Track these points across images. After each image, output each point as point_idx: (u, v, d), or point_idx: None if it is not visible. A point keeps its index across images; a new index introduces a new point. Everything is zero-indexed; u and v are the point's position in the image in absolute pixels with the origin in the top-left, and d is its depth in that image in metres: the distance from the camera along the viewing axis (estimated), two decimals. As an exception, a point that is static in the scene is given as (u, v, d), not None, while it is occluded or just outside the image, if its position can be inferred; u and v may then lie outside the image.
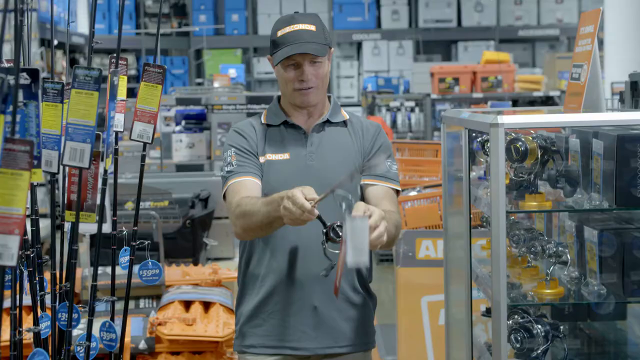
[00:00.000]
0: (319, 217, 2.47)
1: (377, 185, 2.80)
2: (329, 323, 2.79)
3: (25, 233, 2.35)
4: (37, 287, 2.46)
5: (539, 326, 2.85)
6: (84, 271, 4.35)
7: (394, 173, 2.84)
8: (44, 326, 2.45)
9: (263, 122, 2.88)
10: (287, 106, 2.88)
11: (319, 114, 2.88)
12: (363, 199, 2.77)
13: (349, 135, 2.87)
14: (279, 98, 2.93)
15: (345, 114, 2.92)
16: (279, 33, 2.76)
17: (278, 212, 2.55)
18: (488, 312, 2.94)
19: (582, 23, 2.86)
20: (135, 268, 2.74)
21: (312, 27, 2.76)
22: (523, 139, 2.75)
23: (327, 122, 2.87)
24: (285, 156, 2.81)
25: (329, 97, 2.96)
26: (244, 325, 2.87)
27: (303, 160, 2.79)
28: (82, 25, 11.26)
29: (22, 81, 2.07)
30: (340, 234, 2.44)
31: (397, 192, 2.87)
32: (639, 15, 8.57)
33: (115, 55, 2.50)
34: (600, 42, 9.02)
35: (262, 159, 2.82)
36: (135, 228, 2.66)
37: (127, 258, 2.64)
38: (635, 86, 3.35)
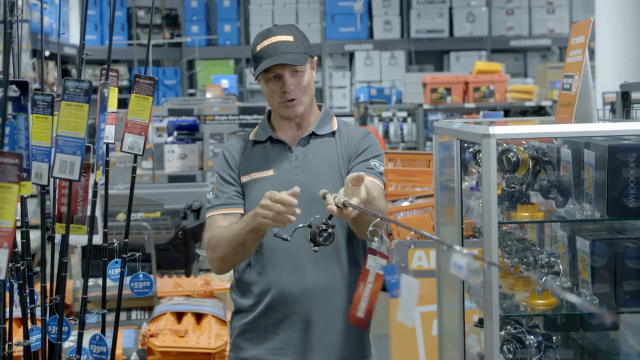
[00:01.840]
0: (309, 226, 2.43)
1: None
2: (324, 337, 2.78)
3: (15, 245, 2.34)
4: (28, 299, 2.45)
5: (532, 337, 2.85)
6: (75, 283, 4.33)
7: (379, 172, 2.84)
8: (34, 339, 2.43)
9: (251, 138, 2.90)
10: (276, 119, 2.89)
11: (307, 124, 2.87)
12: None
13: (335, 146, 2.86)
14: (269, 113, 2.94)
15: (335, 124, 2.91)
16: (258, 47, 2.78)
17: (250, 224, 2.57)
18: (480, 323, 2.93)
19: (573, 34, 2.86)
20: (127, 280, 2.73)
21: (290, 38, 2.77)
22: (515, 150, 2.75)
23: (313, 134, 2.86)
24: (270, 172, 2.81)
25: (320, 107, 2.94)
26: (237, 337, 2.87)
27: (287, 175, 2.79)
28: (74, 36, 11.26)
29: (11, 94, 2.06)
30: (324, 240, 2.40)
31: (383, 190, 2.85)
32: (630, 25, 8.60)
33: (105, 67, 2.49)
34: (592, 52, 9.05)
35: (247, 178, 2.83)
36: (127, 240, 2.65)
37: (117, 270, 2.63)
38: (626, 96, 3.36)
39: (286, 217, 2.45)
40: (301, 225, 2.45)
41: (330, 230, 2.40)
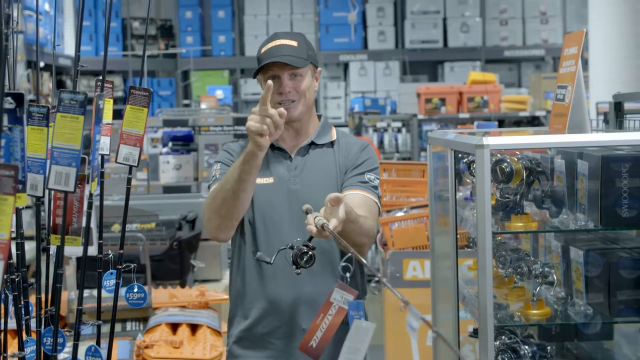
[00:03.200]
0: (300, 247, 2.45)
1: (353, 193, 2.79)
2: (317, 345, 2.78)
3: (10, 257, 2.34)
4: (22, 311, 2.44)
5: (526, 347, 2.86)
6: (70, 294, 4.33)
7: (374, 186, 2.84)
8: (29, 351, 2.43)
9: None
10: None
11: (306, 133, 2.89)
12: None
13: (334, 157, 2.87)
14: None
15: (334, 135, 2.93)
16: (262, 50, 2.82)
17: (244, 156, 2.59)
18: (475, 333, 2.94)
19: (567, 44, 2.88)
20: (123, 290, 2.73)
21: (294, 43, 2.80)
22: (508, 160, 2.76)
23: (313, 144, 2.88)
24: (270, 180, 2.82)
25: (320, 117, 2.97)
26: (233, 345, 2.88)
27: (286, 185, 2.80)
28: (69, 47, 11.26)
29: (7, 105, 2.06)
30: (305, 262, 2.42)
31: (377, 204, 2.85)
32: (623, 35, 8.63)
33: (100, 78, 2.49)
34: (585, 63, 9.08)
35: None
36: (122, 251, 2.65)
37: (112, 281, 2.63)
38: (619, 107, 3.37)
39: (272, 128, 2.55)
40: (283, 247, 2.48)
41: (310, 252, 2.43)
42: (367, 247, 2.76)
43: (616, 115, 3.37)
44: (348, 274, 2.27)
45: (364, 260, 2.24)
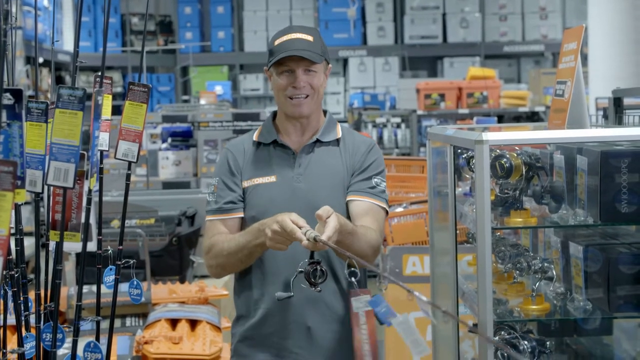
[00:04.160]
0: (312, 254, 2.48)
1: (360, 200, 2.79)
2: (323, 343, 2.78)
3: (9, 252, 2.34)
4: (22, 307, 2.44)
5: (526, 342, 2.86)
6: (69, 290, 4.33)
7: (381, 190, 2.82)
8: (29, 347, 2.43)
9: (255, 139, 2.88)
10: (281, 121, 2.87)
11: (312, 129, 2.86)
12: (347, 214, 2.77)
13: (340, 155, 2.85)
14: (274, 114, 2.93)
15: (339, 132, 2.90)
16: (276, 42, 2.79)
17: (258, 239, 2.59)
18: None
19: (566, 40, 2.88)
20: (125, 286, 2.74)
21: (309, 38, 2.78)
22: (508, 156, 2.76)
23: (318, 141, 2.86)
24: (272, 179, 2.80)
25: (325, 113, 2.95)
26: (239, 343, 2.87)
27: (290, 182, 2.78)
28: (67, 43, 11.25)
29: (5, 101, 2.06)
30: (318, 278, 2.44)
31: (384, 209, 2.84)
32: (622, 31, 8.63)
33: (99, 74, 2.49)
34: (584, 58, 9.07)
35: (248, 183, 2.82)
36: (121, 247, 2.65)
37: (112, 277, 2.63)
38: (619, 102, 3.37)
39: (285, 247, 2.54)
40: (294, 276, 2.52)
41: (318, 267, 2.46)
42: (371, 258, 2.75)
43: (615, 110, 3.37)
44: (354, 279, 2.30)
45: (364, 262, 2.25)
